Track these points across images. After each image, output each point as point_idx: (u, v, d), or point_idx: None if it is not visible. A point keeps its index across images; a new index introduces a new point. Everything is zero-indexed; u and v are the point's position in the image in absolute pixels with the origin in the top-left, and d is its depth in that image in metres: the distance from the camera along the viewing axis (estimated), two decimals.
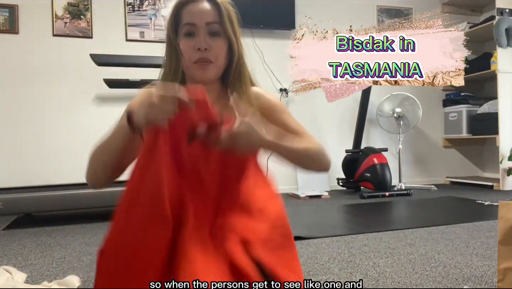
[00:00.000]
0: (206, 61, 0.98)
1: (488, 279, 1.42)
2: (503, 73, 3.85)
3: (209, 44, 0.98)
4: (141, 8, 3.62)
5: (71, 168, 3.30)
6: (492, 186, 3.91)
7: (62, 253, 1.92)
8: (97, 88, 3.42)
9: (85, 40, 3.47)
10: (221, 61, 1.02)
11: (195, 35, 0.98)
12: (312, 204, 3.24)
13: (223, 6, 1.01)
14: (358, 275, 1.51)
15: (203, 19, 0.98)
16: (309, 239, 2.05)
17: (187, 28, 0.99)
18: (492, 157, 4.37)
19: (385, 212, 3.02)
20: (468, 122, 4.26)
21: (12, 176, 3.21)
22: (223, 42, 1.01)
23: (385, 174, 3.59)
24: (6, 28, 3.29)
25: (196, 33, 0.98)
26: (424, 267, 1.58)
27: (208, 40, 0.98)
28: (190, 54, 0.99)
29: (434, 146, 4.55)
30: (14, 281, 1.38)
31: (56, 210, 2.83)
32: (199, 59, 0.98)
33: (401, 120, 3.91)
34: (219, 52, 1.00)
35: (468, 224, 2.32)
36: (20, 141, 3.31)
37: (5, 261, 1.78)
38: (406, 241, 1.98)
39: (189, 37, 0.99)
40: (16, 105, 3.31)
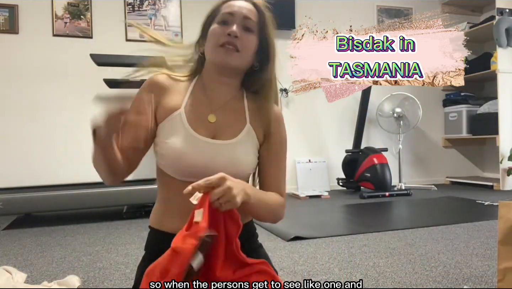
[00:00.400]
0: (233, 45, 0.95)
1: (488, 279, 1.42)
2: (503, 73, 3.85)
3: (241, 34, 0.96)
4: (141, 8, 3.62)
5: (71, 168, 3.30)
6: (492, 186, 3.91)
7: (62, 253, 1.92)
8: (97, 88, 3.42)
9: (85, 40, 3.48)
10: (247, 55, 0.98)
11: (230, 24, 0.97)
12: (312, 204, 3.24)
13: (264, 11, 1.01)
14: (358, 275, 1.51)
15: (241, 12, 0.98)
16: (309, 239, 2.05)
17: (223, 16, 0.98)
18: (492, 157, 4.37)
19: (385, 212, 3.02)
20: (468, 122, 4.26)
21: (12, 176, 3.21)
22: (255, 40, 0.99)
23: (385, 174, 3.59)
24: (6, 28, 3.29)
25: (231, 22, 0.97)
26: (424, 267, 1.58)
27: (241, 31, 0.97)
28: (219, 37, 0.96)
29: (434, 146, 4.55)
30: (14, 281, 1.38)
31: (56, 210, 2.83)
32: (226, 42, 0.95)
33: (401, 120, 3.91)
34: (248, 46, 0.98)
35: (468, 224, 2.32)
36: (20, 141, 3.30)
37: (5, 261, 1.78)
38: (406, 241, 1.98)
39: (223, 24, 0.97)
40: (16, 105, 3.30)
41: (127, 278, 1.54)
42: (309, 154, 4.07)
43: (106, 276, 1.56)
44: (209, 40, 0.98)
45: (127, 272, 1.61)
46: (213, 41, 0.97)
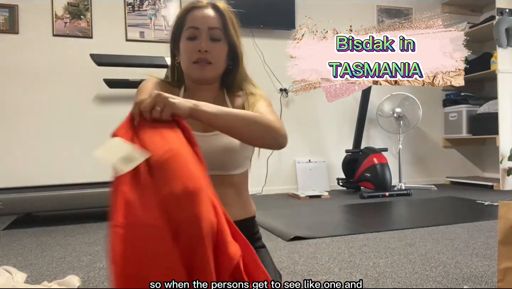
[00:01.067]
0: (205, 60, 1.02)
1: (488, 279, 1.42)
2: (503, 73, 3.85)
3: (210, 47, 1.02)
4: (141, 8, 3.62)
5: (72, 168, 3.30)
6: (492, 186, 3.91)
7: (62, 253, 1.92)
8: (97, 88, 3.42)
9: (85, 40, 3.47)
10: (220, 64, 1.05)
11: (197, 39, 1.02)
12: (312, 204, 3.24)
13: (226, 14, 1.05)
14: (358, 275, 1.51)
15: (205, 24, 1.02)
16: (309, 239, 2.05)
17: (190, 32, 1.03)
18: (492, 157, 4.37)
19: (385, 212, 3.02)
20: (468, 122, 4.25)
21: (12, 176, 3.20)
22: (224, 46, 1.05)
23: (385, 174, 3.59)
24: (6, 28, 3.29)
25: (198, 36, 1.02)
26: (424, 267, 1.57)
27: (209, 43, 1.02)
28: (191, 55, 1.03)
29: (434, 146, 4.55)
30: (14, 281, 1.38)
31: (56, 210, 2.83)
32: (199, 59, 1.02)
33: (401, 120, 3.91)
34: (218, 56, 1.04)
35: (468, 224, 2.32)
36: (20, 141, 3.30)
37: (5, 261, 1.78)
38: (406, 241, 1.98)
39: (191, 40, 1.03)
40: (16, 105, 3.30)
41: None
42: (309, 154, 4.07)
43: (106, 276, 1.56)
44: (183, 57, 1.06)
45: None
46: (186, 59, 1.04)
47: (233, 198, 1.03)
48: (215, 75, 1.06)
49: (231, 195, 1.02)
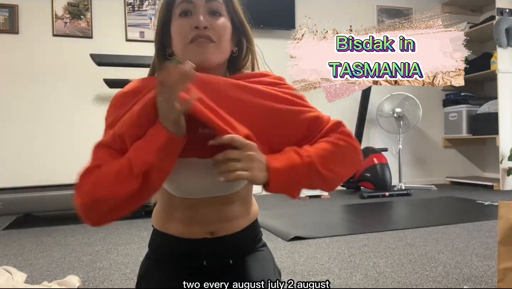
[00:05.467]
0: (205, 38, 0.78)
1: (488, 279, 1.42)
2: (503, 73, 3.85)
3: (209, 22, 0.79)
4: (141, 8, 3.62)
5: (72, 167, 3.29)
6: (492, 186, 3.91)
7: (62, 253, 1.92)
8: (97, 88, 3.42)
9: (85, 40, 3.47)
10: (225, 44, 0.81)
11: (192, 13, 0.79)
12: (312, 204, 3.24)
13: None
14: (358, 275, 1.51)
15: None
16: (309, 239, 2.05)
17: (182, 7, 0.79)
18: (492, 157, 4.37)
19: (385, 212, 3.02)
20: (468, 122, 4.25)
21: (12, 176, 3.20)
22: (226, 21, 0.82)
23: (385, 174, 3.59)
24: (6, 28, 3.29)
25: (193, 12, 0.79)
26: (424, 267, 1.57)
27: (207, 18, 0.79)
28: (186, 34, 0.78)
29: (434, 146, 4.55)
30: (14, 281, 1.38)
31: (56, 210, 2.83)
32: (197, 36, 0.78)
33: (401, 120, 3.91)
34: (221, 33, 0.80)
35: (468, 224, 2.32)
36: (20, 141, 3.30)
37: (5, 261, 1.78)
38: (406, 241, 1.98)
39: (185, 16, 0.79)
40: (16, 105, 3.30)
41: (127, 278, 1.54)
42: None
43: (106, 276, 1.56)
44: (176, 40, 0.81)
45: (127, 272, 1.61)
46: (181, 40, 0.79)
47: (239, 210, 0.91)
48: (220, 59, 0.81)
49: (237, 208, 0.90)
